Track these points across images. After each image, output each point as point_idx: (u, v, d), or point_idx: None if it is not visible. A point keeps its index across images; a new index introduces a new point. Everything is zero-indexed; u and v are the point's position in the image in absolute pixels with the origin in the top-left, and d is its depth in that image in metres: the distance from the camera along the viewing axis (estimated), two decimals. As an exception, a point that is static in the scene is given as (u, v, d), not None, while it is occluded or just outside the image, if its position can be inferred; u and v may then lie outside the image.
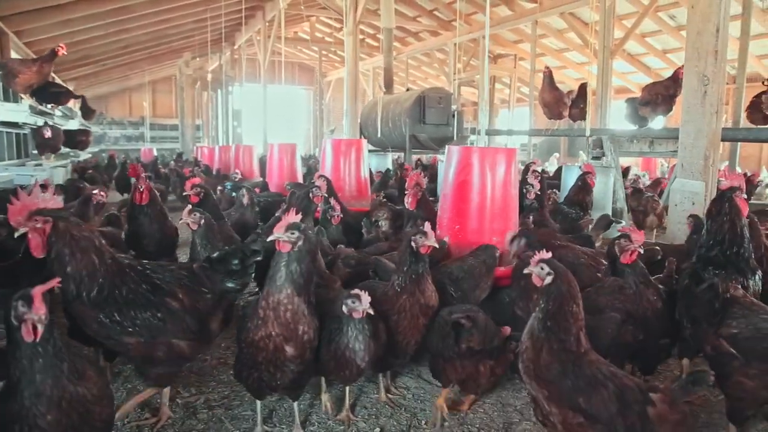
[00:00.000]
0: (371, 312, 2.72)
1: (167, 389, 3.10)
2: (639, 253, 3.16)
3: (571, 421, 2.28)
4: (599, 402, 2.20)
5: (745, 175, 9.94)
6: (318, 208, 4.88)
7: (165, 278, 2.91)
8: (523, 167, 6.97)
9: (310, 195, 4.55)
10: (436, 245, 3.11)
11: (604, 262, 3.72)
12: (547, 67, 8.97)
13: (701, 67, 5.27)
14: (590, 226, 5.17)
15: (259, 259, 2.99)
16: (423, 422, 3.09)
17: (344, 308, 2.73)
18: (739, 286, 2.88)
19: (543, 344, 2.37)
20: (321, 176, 5.59)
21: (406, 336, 3.05)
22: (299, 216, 2.67)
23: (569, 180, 6.83)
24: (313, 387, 3.32)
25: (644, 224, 7.02)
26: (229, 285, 2.98)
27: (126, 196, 10.00)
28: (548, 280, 2.43)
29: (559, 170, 9.23)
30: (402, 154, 13.12)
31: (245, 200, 6.03)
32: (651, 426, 2.13)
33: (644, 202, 7.16)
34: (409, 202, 4.92)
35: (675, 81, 7.23)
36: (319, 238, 3.71)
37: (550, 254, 2.53)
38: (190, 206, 4.15)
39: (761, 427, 3.00)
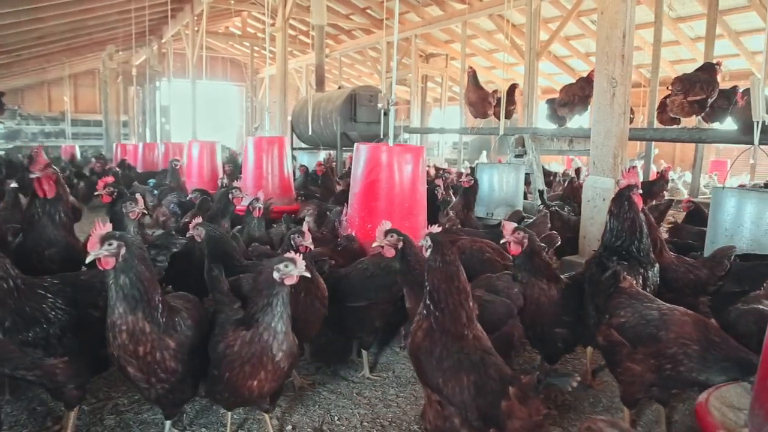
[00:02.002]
0: (308, 275, 2.57)
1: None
2: (523, 244, 3.26)
3: (431, 397, 2.38)
4: (456, 387, 2.27)
5: (659, 173, 10.59)
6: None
7: (79, 287, 2.81)
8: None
9: (230, 196, 4.46)
10: (310, 246, 3.16)
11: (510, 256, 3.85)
12: (471, 68, 9.17)
13: (610, 70, 5.53)
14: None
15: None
16: (336, 418, 3.10)
17: (276, 275, 2.50)
18: (629, 277, 3.05)
19: (423, 322, 2.45)
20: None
21: (308, 327, 3.12)
22: (108, 225, 2.42)
23: (482, 178, 7.05)
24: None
25: None
26: None
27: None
28: (428, 253, 2.49)
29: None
30: (333, 152, 13.12)
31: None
32: (502, 417, 2.18)
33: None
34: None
35: (589, 82, 7.55)
36: (216, 232, 3.59)
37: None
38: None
39: (654, 407, 3.20)
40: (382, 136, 9.64)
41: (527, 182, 7.84)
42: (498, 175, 7.02)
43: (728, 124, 7.79)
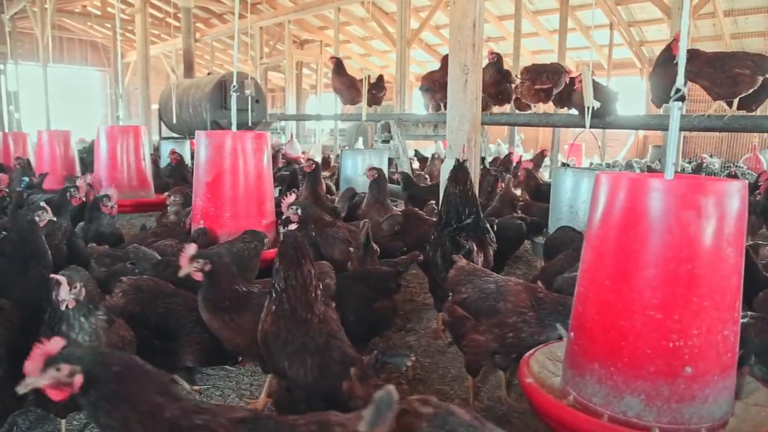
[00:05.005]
0: (77, 301, 2.34)
1: None
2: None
3: (280, 383, 2.43)
4: (299, 370, 2.31)
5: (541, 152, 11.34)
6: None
7: None
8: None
9: (67, 195, 4.19)
10: None
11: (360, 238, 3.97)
12: (333, 57, 9.16)
13: (462, 58, 5.78)
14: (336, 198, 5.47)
15: None
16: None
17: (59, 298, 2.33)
18: (462, 256, 3.24)
19: (271, 306, 2.46)
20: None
21: None
22: None
23: (346, 164, 7.16)
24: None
25: None
26: None
27: None
28: (290, 227, 2.52)
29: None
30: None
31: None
32: (344, 398, 2.24)
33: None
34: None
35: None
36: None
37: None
38: None
39: (498, 374, 3.43)
40: (250, 124, 9.43)
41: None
42: (362, 161, 7.14)
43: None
